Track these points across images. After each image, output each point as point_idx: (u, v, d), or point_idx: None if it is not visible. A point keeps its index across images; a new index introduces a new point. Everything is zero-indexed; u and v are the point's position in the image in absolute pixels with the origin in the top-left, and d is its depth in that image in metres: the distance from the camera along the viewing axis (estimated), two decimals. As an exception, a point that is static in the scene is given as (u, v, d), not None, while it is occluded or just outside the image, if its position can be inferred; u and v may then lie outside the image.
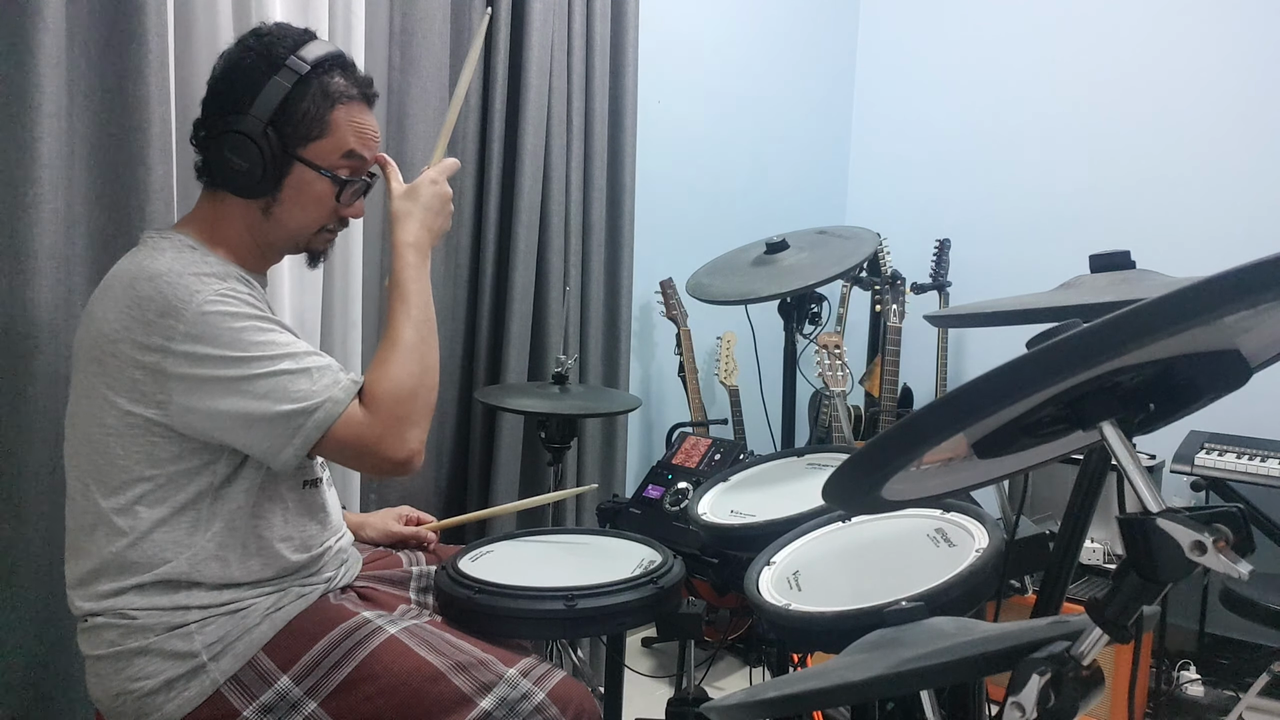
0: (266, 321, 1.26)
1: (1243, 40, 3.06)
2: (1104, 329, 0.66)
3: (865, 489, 0.89)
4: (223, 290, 1.24)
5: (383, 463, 1.27)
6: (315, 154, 1.33)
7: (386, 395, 1.27)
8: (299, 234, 1.38)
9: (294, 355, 1.24)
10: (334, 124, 1.33)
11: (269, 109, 1.29)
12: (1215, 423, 2.75)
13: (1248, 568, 0.71)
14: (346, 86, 1.34)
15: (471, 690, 1.27)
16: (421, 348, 1.34)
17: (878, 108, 3.91)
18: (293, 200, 1.34)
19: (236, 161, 1.30)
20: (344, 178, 1.36)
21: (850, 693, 0.91)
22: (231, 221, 1.36)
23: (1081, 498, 1.46)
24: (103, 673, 1.27)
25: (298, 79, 1.30)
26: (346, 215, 1.41)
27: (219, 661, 1.25)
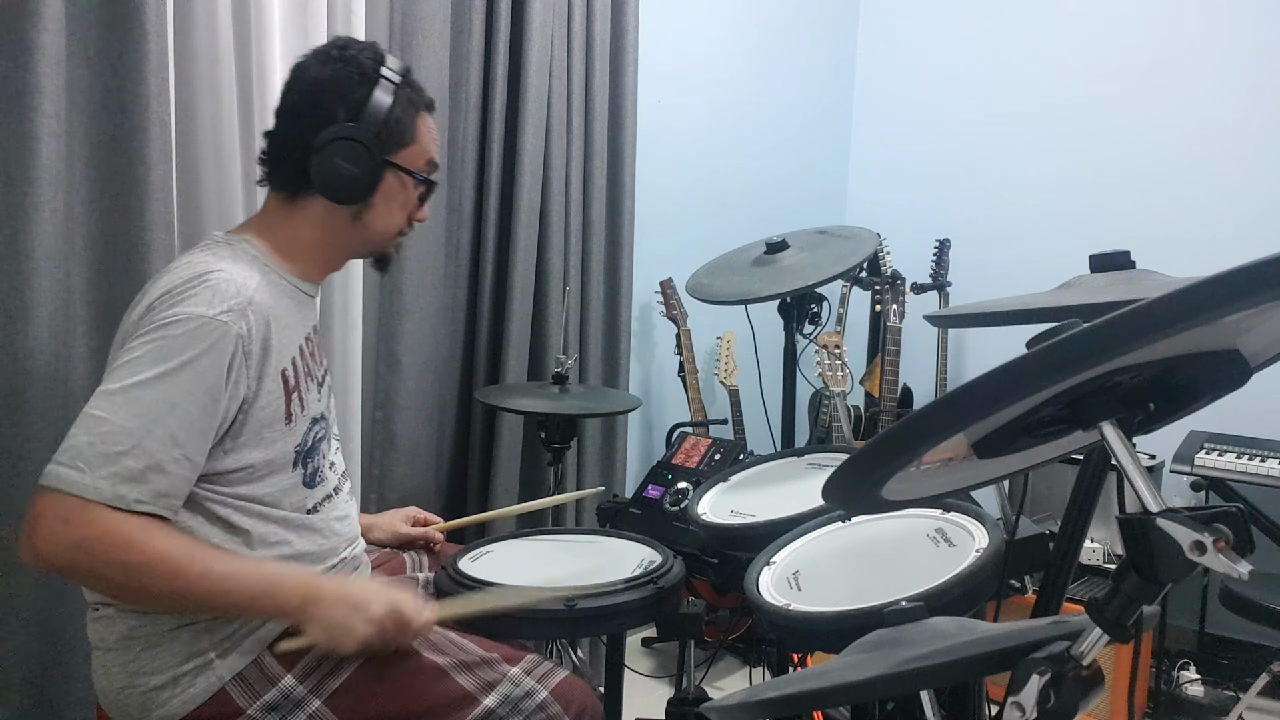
0: (181, 377, 1.17)
1: (1243, 40, 3.06)
2: (1104, 329, 0.66)
3: (865, 489, 0.89)
4: (219, 316, 1.20)
5: (21, 548, 1.15)
6: (406, 160, 1.40)
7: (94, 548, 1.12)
8: (383, 239, 1.44)
9: (132, 427, 1.13)
10: (418, 131, 1.40)
11: (375, 116, 1.34)
12: (1215, 423, 2.75)
13: (1247, 568, 0.71)
14: (420, 94, 1.42)
15: (475, 688, 1.27)
16: (161, 597, 1.19)
17: (878, 108, 3.91)
18: (383, 205, 1.39)
19: (347, 168, 1.33)
20: (431, 180, 1.43)
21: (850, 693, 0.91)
22: (310, 228, 1.38)
23: (1081, 498, 1.46)
24: (109, 665, 1.26)
25: (395, 89, 1.36)
26: (418, 219, 1.47)
27: (226, 659, 1.25)
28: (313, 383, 1.39)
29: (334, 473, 1.45)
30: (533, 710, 1.27)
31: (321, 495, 1.40)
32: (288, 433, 1.31)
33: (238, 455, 1.26)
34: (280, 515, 1.32)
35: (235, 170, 1.86)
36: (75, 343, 1.64)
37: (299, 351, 1.35)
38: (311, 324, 1.44)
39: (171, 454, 1.16)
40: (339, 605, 1.22)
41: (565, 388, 2.19)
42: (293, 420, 1.32)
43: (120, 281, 1.67)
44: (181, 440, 1.17)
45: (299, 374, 1.34)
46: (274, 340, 1.27)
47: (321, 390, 1.44)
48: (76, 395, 1.64)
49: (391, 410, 2.22)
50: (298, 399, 1.33)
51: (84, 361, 1.65)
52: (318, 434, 1.39)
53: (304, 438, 1.34)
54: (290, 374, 1.32)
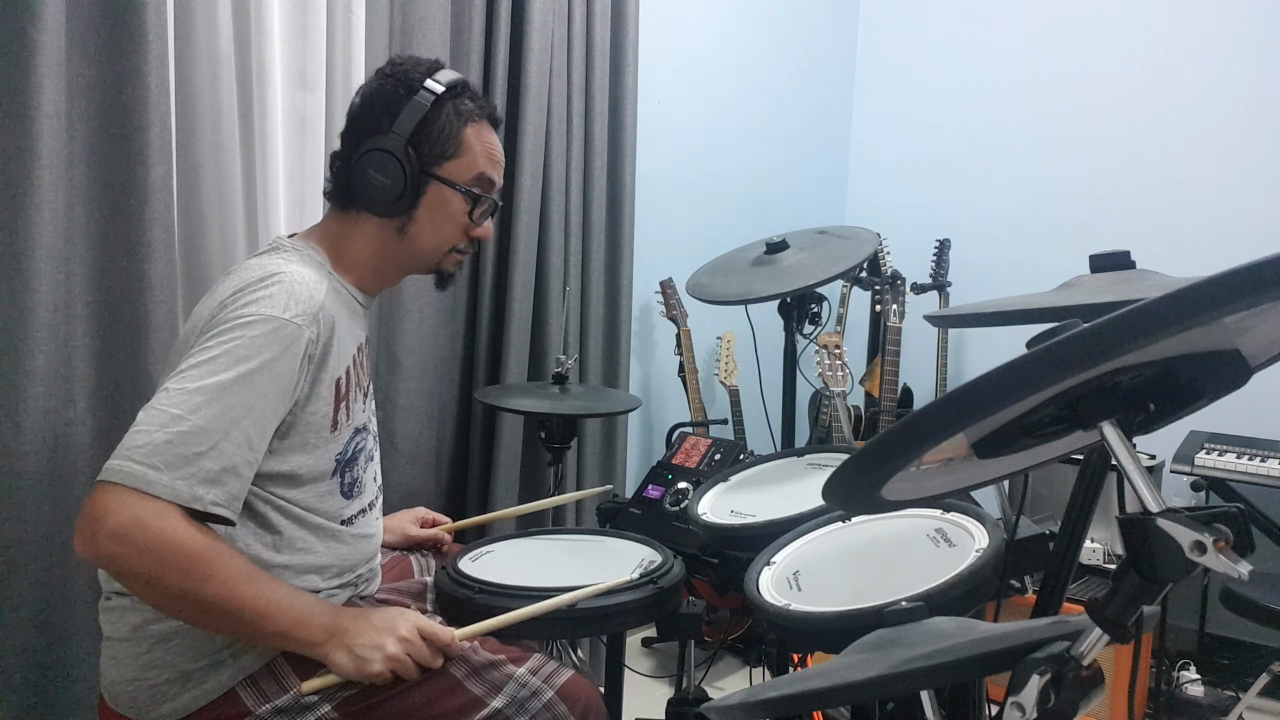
0: (258, 380, 1.17)
1: (1243, 40, 3.06)
2: (1104, 329, 0.66)
3: (865, 489, 0.89)
4: (295, 320, 1.21)
5: (79, 542, 1.12)
6: (450, 172, 1.38)
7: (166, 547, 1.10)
8: (432, 253, 1.42)
9: (212, 429, 1.13)
10: (466, 143, 1.39)
11: (409, 127, 1.34)
12: (1215, 423, 2.75)
13: (1248, 568, 0.71)
14: (475, 107, 1.41)
15: (482, 691, 1.27)
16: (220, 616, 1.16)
17: (878, 108, 3.91)
18: (428, 218, 1.39)
19: (379, 179, 1.34)
20: (477, 193, 1.40)
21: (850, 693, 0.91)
22: (362, 241, 1.39)
23: (1081, 498, 1.46)
24: (120, 656, 1.26)
25: (434, 99, 1.36)
26: (476, 235, 1.44)
27: (239, 659, 1.24)
28: (360, 393, 1.40)
29: (375, 485, 1.46)
30: (539, 710, 1.27)
31: (358, 509, 1.40)
32: (332, 440, 1.32)
33: (283, 459, 1.26)
34: (315, 522, 1.32)
35: (235, 170, 1.86)
36: (75, 343, 1.64)
37: (352, 361, 1.36)
38: (364, 335, 1.44)
39: (246, 457, 1.17)
40: (366, 630, 1.21)
41: (565, 388, 2.19)
42: (338, 428, 1.32)
43: (120, 281, 1.67)
44: (256, 444, 1.18)
45: (350, 383, 1.35)
46: (334, 347, 1.29)
47: (367, 402, 1.44)
48: (78, 395, 1.64)
49: (391, 410, 2.22)
50: (345, 408, 1.33)
51: (85, 362, 1.65)
52: (359, 445, 1.39)
53: (346, 446, 1.35)
54: (343, 382, 1.32)
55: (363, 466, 1.41)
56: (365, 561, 1.43)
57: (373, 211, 1.37)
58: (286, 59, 1.91)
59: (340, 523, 1.36)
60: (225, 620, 1.17)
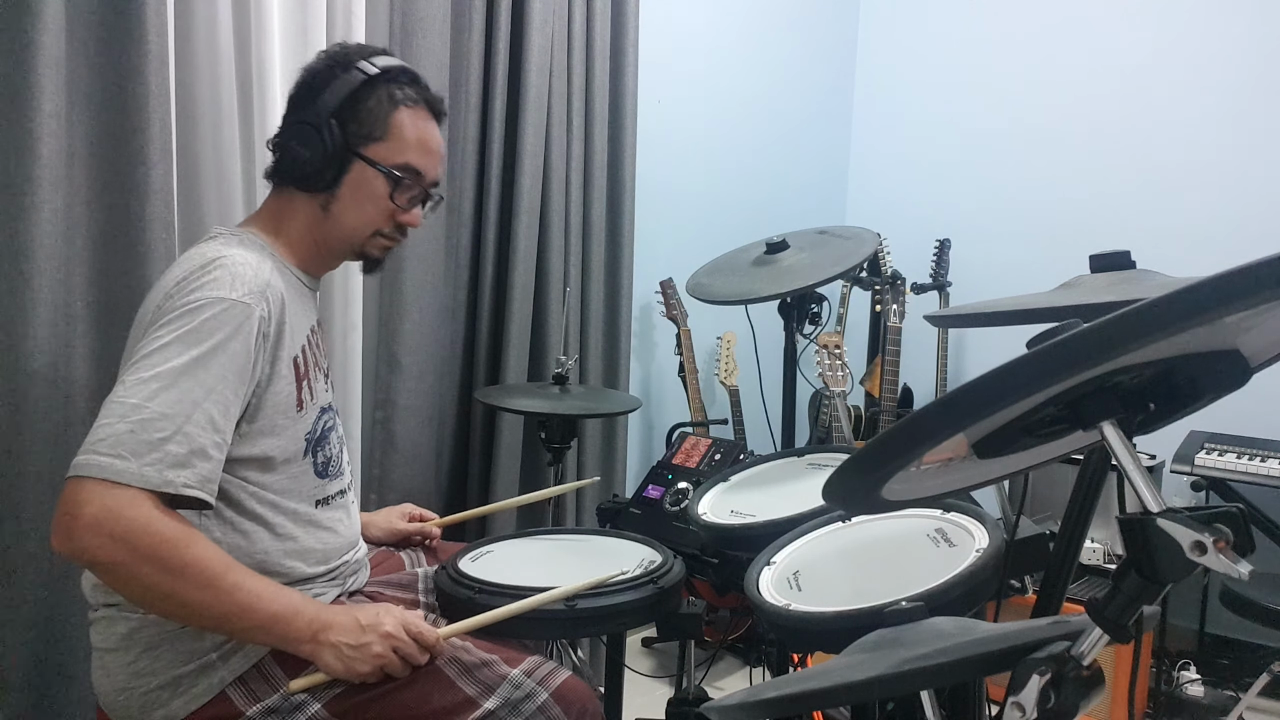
0: (213, 361, 1.18)
1: (1243, 39, 3.06)
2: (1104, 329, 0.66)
3: (865, 489, 0.90)
4: (243, 299, 1.22)
5: (55, 538, 1.12)
6: (376, 154, 1.37)
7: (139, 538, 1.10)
8: (355, 234, 1.41)
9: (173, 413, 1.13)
10: (395, 127, 1.37)
11: (334, 102, 1.34)
12: (1215, 423, 2.75)
13: (1248, 568, 0.71)
14: (413, 94, 1.40)
15: (476, 691, 1.27)
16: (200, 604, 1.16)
17: (878, 107, 3.91)
18: (350, 197, 1.38)
19: (300, 151, 1.34)
20: (399, 177, 1.38)
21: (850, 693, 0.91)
22: (294, 219, 1.39)
23: (1082, 498, 1.46)
24: (110, 666, 1.26)
25: (365, 79, 1.36)
26: (404, 222, 1.43)
27: (228, 661, 1.25)
28: (320, 373, 1.41)
29: (349, 470, 1.47)
30: (533, 712, 1.26)
31: (335, 489, 1.42)
32: (299, 420, 1.33)
33: (254, 442, 1.27)
34: (291, 508, 1.33)
35: (235, 170, 1.86)
36: (75, 342, 1.64)
37: (307, 341, 1.37)
38: (315, 317, 1.45)
39: (213, 439, 1.17)
40: (351, 628, 1.21)
41: (565, 388, 2.19)
42: (304, 408, 1.33)
43: (120, 281, 1.67)
44: (220, 425, 1.18)
45: (308, 362, 1.36)
46: (287, 325, 1.29)
47: (328, 382, 1.46)
48: (77, 395, 1.64)
49: (391, 410, 2.22)
50: (307, 387, 1.35)
51: (84, 361, 1.65)
52: (326, 423, 1.40)
53: (314, 425, 1.36)
54: (301, 361, 1.33)
55: (334, 445, 1.42)
56: (348, 548, 1.43)
57: (297, 186, 1.37)
58: (286, 59, 1.91)
59: (316, 503, 1.37)
60: (205, 613, 1.17)
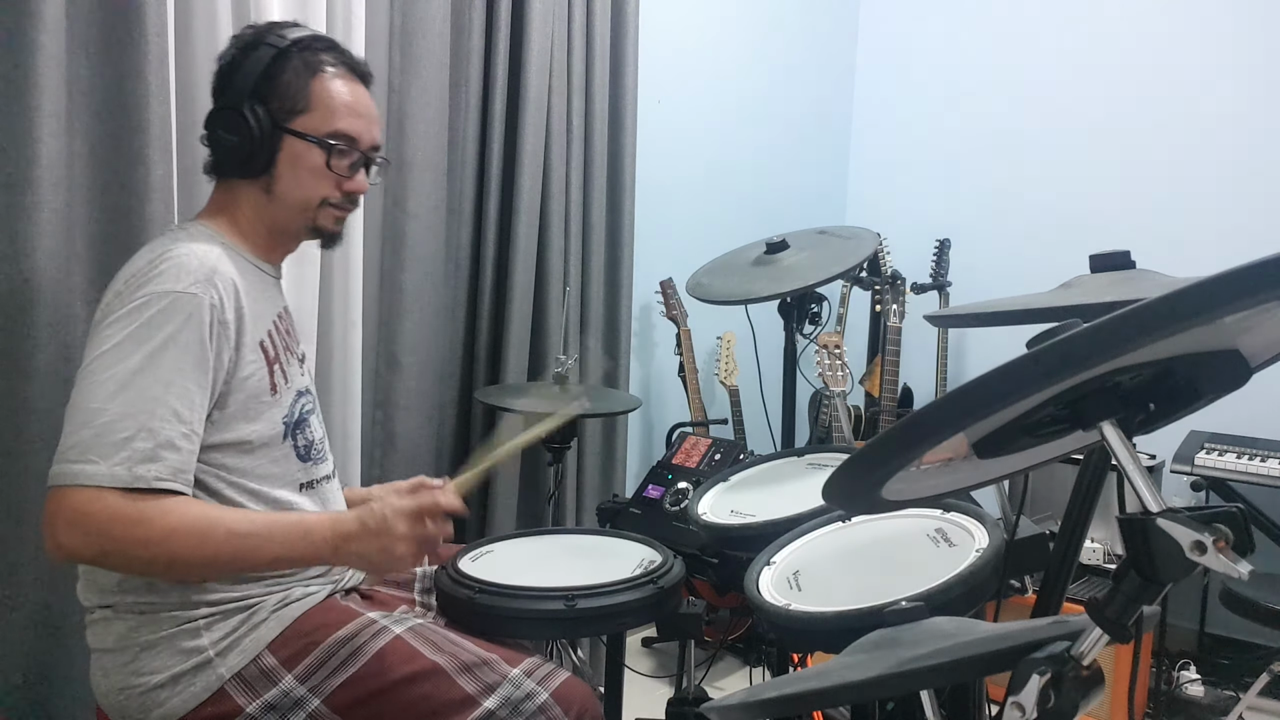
0: (166, 356, 1.18)
1: (1243, 39, 3.06)
2: (1104, 329, 0.66)
3: (865, 489, 0.89)
4: (189, 289, 1.21)
5: (46, 547, 1.17)
6: (304, 126, 1.35)
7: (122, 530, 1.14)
8: (302, 210, 1.38)
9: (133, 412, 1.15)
10: (316, 95, 1.35)
11: (251, 82, 1.32)
12: (1215, 423, 2.75)
13: (1247, 568, 0.71)
14: (330, 59, 1.37)
15: (475, 690, 1.27)
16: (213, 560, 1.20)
17: (878, 107, 3.91)
18: (289, 174, 1.36)
19: (227, 138, 1.33)
20: (332, 144, 1.36)
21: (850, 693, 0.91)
22: (242, 208, 1.38)
23: (1082, 498, 1.46)
24: (108, 666, 1.27)
25: (276, 52, 1.34)
26: (350, 190, 1.40)
27: (225, 658, 1.25)
28: (293, 357, 1.41)
29: (330, 454, 1.47)
30: (533, 712, 1.27)
31: (320, 474, 1.42)
32: (274, 404, 1.33)
33: (229, 428, 1.27)
34: (274, 496, 1.33)
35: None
36: (75, 343, 1.64)
37: (273, 326, 1.37)
38: (280, 304, 1.44)
39: (179, 430, 1.18)
40: (366, 539, 1.22)
41: (565, 388, 2.19)
42: (278, 391, 1.33)
43: (120, 281, 1.67)
44: (185, 416, 1.19)
45: (277, 346, 1.36)
46: (246, 309, 1.29)
47: (303, 366, 1.46)
48: (76, 395, 1.63)
49: (391, 410, 2.22)
50: (280, 370, 1.34)
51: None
52: (305, 406, 1.40)
53: (291, 409, 1.36)
54: (269, 345, 1.33)
55: (315, 429, 1.42)
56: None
57: (236, 175, 1.36)
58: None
59: (300, 487, 1.37)
60: (220, 565, 1.22)
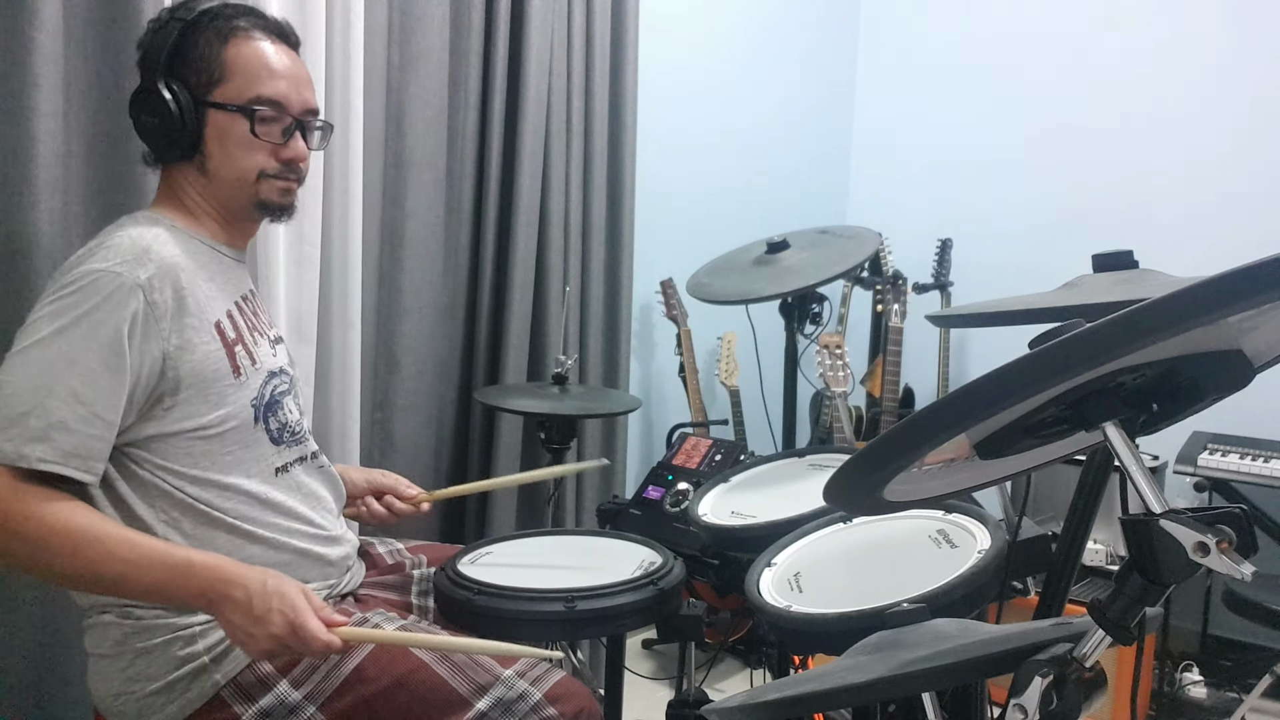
0: (75, 332, 1.15)
1: (1245, 39, 3.06)
2: (1107, 329, 0.65)
3: (867, 490, 0.89)
4: (113, 268, 1.18)
5: None
6: (223, 97, 1.30)
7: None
8: (240, 185, 1.33)
9: (31, 387, 1.13)
10: (231, 62, 1.30)
11: (163, 60, 1.28)
12: (1218, 423, 2.74)
13: (1251, 569, 0.70)
14: (243, 24, 1.31)
15: (468, 692, 1.26)
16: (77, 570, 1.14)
17: (879, 107, 3.90)
18: (219, 150, 1.31)
19: (148, 120, 1.29)
20: (254, 110, 1.30)
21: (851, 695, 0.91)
22: (186, 191, 1.34)
23: (1084, 499, 1.45)
24: (105, 671, 1.26)
25: (185, 24, 1.29)
26: (288, 158, 1.34)
27: (220, 664, 1.24)
28: (263, 338, 1.37)
29: (309, 435, 1.43)
30: (526, 713, 1.26)
31: (294, 456, 1.39)
32: (239, 386, 1.29)
33: (184, 412, 1.24)
34: (244, 488, 1.29)
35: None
36: (73, 343, 1.64)
37: (235, 307, 1.33)
38: (245, 287, 1.40)
39: (76, 411, 1.13)
40: (240, 615, 1.13)
41: (565, 388, 2.19)
42: (242, 374, 1.29)
43: (118, 282, 1.67)
44: (86, 397, 1.14)
45: (240, 328, 1.32)
46: (189, 289, 1.24)
47: (277, 347, 1.42)
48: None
49: (390, 411, 2.21)
50: (244, 352, 1.31)
51: (82, 362, 1.65)
52: (278, 388, 1.36)
53: (261, 391, 1.32)
54: (227, 326, 1.29)
55: (289, 410, 1.38)
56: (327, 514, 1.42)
57: (170, 159, 1.33)
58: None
59: (275, 471, 1.34)
60: (92, 581, 1.16)
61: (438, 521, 2.37)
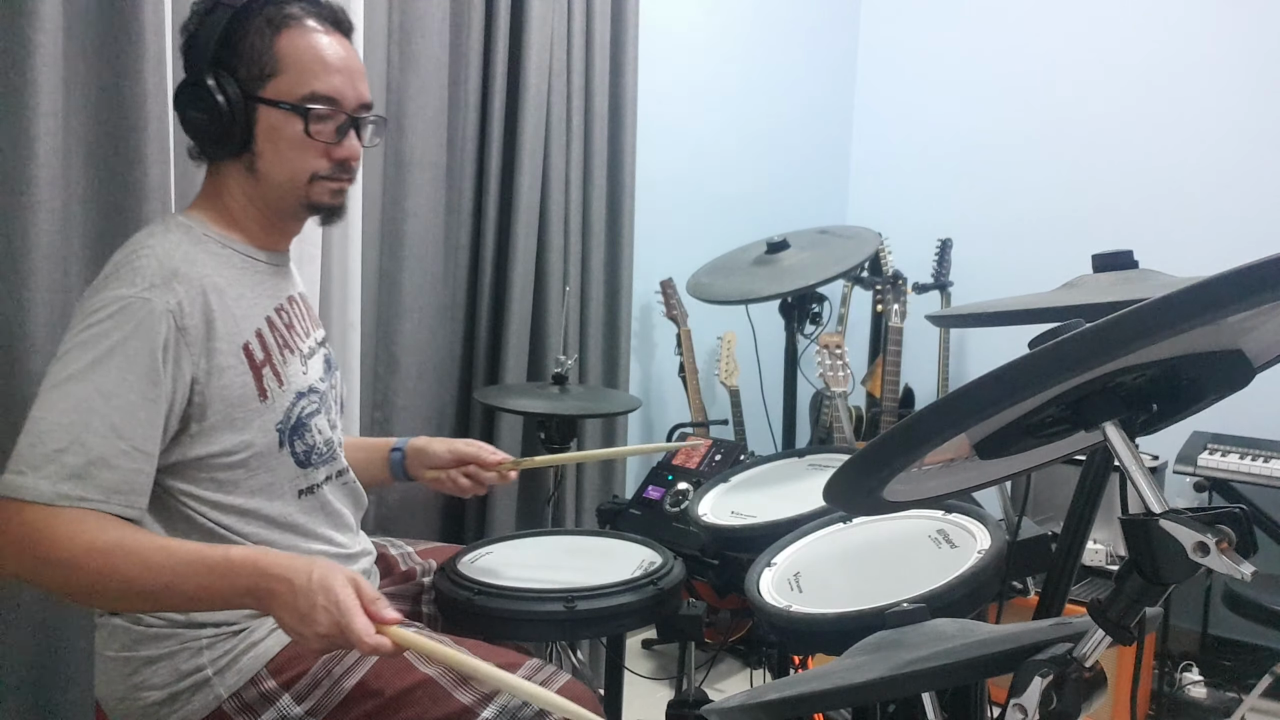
0: (110, 364, 1.11)
1: (1246, 38, 3.06)
2: (1107, 329, 0.65)
3: (866, 490, 0.89)
4: (141, 294, 1.14)
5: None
6: (277, 92, 1.23)
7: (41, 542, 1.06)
8: (291, 186, 1.27)
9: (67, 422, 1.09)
10: (284, 54, 1.23)
11: (210, 50, 1.22)
12: (1218, 423, 2.74)
13: (1250, 569, 0.70)
14: (295, 11, 1.24)
15: (472, 701, 1.25)
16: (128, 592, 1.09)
17: (879, 106, 3.90)
18: (270, 149, 1.25)
19: (195, 116, 1.23)
20: (309, 108, 1.24)
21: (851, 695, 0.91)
22: (231, 191, 1.29)
23: (1084, 499, 1.45)
24: (111, 674, 1.25)
25: (235, 11, 1.22)
26: (340, 157, 1.28)
27: (224, 676, 1.23)
28: (294, 355, 1.31)
29: (340, 452, 1.40)
30: (531, 718, 1.25)
31: (321, 477, 1.35)
32: (265, 410, 1.25)
33: (211, 440, 1.20)
34: (266, 513, 1.27)
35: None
36: (73, 343, 1.64)
37: (266, 324, 1.28)
38: (283, 294, 1.35)
39: (116, 446, 1.10)
40: (286, 612, 1.07)
41: (565, 388, 2.19)
42: (269, 397, 1.25)
43: (118, 282, 1.67)
44: (125, 431, 1.11)
45: (269, 347, 1.27)
46: (219, 310, 1.20)
47: (310, 362, 1.35)
48: (74, 396, 1.63)
49: (390, 411, 2.21)
50: (271, 373, 1.26)
51: (82, 362, 1.65)
52: (305, 410, 1.30)
53: (287, 414, 1.27)
54: (256, 348, 1.25)
55: (317, 432, 1.33)
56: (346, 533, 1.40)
57: (216, 155, 1.27)
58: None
59: (299, 494, 1.31)
60: (134, 598, 1.11)
61: (438, 521, 2.37)
